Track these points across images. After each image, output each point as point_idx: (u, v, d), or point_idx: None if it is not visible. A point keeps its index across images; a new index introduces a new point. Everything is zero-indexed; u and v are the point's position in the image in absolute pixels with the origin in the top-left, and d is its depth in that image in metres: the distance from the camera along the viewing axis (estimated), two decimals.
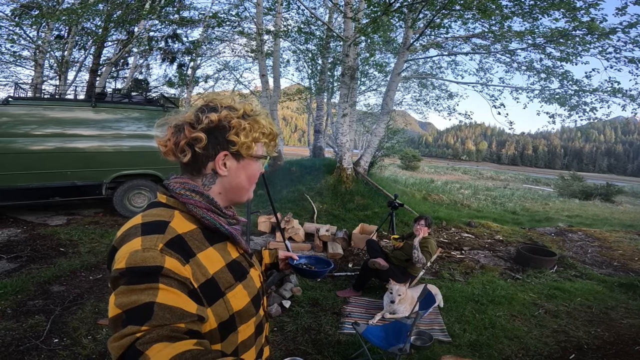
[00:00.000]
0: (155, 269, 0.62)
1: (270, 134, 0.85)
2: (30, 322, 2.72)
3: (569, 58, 6.92)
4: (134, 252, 0.63)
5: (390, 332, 2.31)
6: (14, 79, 11.11)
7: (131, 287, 0.60)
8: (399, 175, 19.06)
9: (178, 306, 0.60)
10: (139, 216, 0.74)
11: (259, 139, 0.82)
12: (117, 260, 0.64)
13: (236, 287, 0.76)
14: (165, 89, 12.43)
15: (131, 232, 0.69)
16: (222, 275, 0.74)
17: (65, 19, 8.13)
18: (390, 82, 7.73)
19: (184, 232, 0.72)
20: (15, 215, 5.68)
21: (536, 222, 8.55)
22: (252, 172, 0.84)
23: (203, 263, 0.71)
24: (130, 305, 0.58)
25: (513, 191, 19.50)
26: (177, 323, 0.58)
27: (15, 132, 5.02)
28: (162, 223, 0.71)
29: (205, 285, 0.69)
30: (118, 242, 0.69)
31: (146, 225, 0.70)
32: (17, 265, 3.83)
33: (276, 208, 6.52)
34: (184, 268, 0.66)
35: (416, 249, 3.49)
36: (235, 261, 0.81)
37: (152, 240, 0.66)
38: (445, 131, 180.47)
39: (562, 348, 2.84)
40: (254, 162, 0.84)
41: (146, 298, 0.58)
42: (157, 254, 0.64)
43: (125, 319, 0.57)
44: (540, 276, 4.44)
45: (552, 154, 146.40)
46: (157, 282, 0.61)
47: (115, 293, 0.60)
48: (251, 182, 0.86)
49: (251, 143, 0.81)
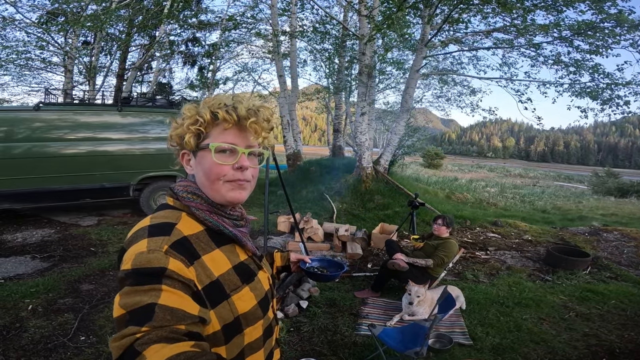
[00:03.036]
0: (159, 270, 0.63)
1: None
2: (59, 320, 2.84)
3: (598, 51, 6.60)
4: (139, 253, 0.65)
5: (407, 335, 2.26)
6: (46, 84, 11.72)
7: (135, 287, 0.61)
8: (421, 174, 18.70)
9: (179, 308, 0.60)
10: (148, 218, 0.75)
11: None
12: (124, 261, 0.65)
13: (242, 290, 0.76)
14: (188, 92, 12.79)
15: (139, 234, 0.70)
16: (227, 277, 0.74)
17: (90, 25, 8.49)
18: (409, 79, 7.59)
19: (190, 234, 0.73)
20: (49, 217, 5.99)
21: (568, 221, 8.14)
22: (205, 165, 0.76)
23: (208, 265, 0.71)
24: (134, 306, 0.59)
25: (543, 189, 18.70)
26: (177, 324, 0.58)
27: (48, 136, 5.28)
28: (169, 225, 0.72)
29: (209, 287, 0.69)
30: (127, 244, 0.70)
31: (153, 227, 0.71)
32: (49, 265, 4.03)
33: (295, 208, 6.56)
34: (188, 270, 0.66)
35: (414, 263, 3.43)
36: (242, 263, 0.81)
37: (158, 242, 0.67)
38: (469, 128, 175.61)
39: (593, 352, 2.69)
40: (207, 154, 0.76)
41: (148, 299, 0.59)
42: (161, 255, 0.64)
43: (128, 319, 0.58)
44: (571, 278, 4.22)
45: (585, 150, 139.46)
46: (160, 284, 0.61)
47: (120, 293, 0.61)
48: (210, 178, 0.77)
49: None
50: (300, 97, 12.87)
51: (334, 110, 12.62)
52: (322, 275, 1.19)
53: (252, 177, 0.80)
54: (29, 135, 5.16)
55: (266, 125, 0.79)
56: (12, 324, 2.72)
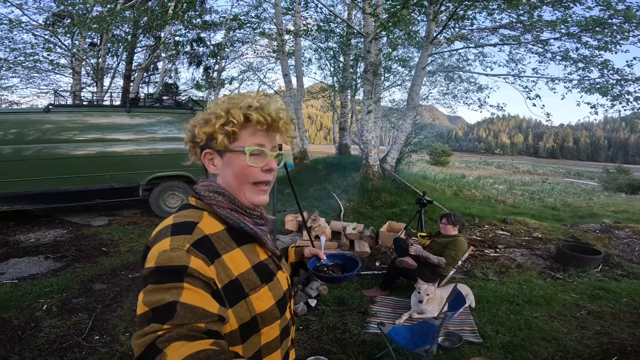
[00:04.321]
0: (180, 268, 0.64)
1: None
2: (73, 320, 2.89)
3: (607, 47, 6.53)
4: (162, 251, 0.66)
5: (416, 333, 2.25)
6: (55, 86, 11.85)
7: (158, 285, 0.62)
8: (428, 171, 18.59)
9: (200, 306, 0.61)
10: (171, 217, 0.77)
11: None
12: (148, 260, 0.67)
13: (261, 289, 0.77)
14: (194, 92, 12.87)
15: (162, 233, 0.72)
16: (247, 276, 0.75)
17: (96, 27, 8.56)
18: (415, 76, 7.55)
19: (211, 233, 0.74)
20: (61, 217, 6.09)
21: (579, 218, 8.03)
22: (236, 167, 0.78)
23: (228, 264, 0.73)
24: (156, 303, 0.60)
25: (553, 186, 18.49)
26: (197, 323, 0.59)
27: (58, 138, 5.36)
28: (191, 224, 0.73)
29: (228, 286, 0.71)
30: (151, 242, 0.72)
31: (176, 226, 0.73)
32: (62, 265, 4.10)
33: (303, 206, 6.57)
34: (208, 268, 0.67)
35: (428, 257, 3.39)
36: (262, 263, 0.81)
37: (180, 240, 0.68)
38: (476, 125, 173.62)
39: (604, 350, 2.66)
40: (237, 156, 0.78)
41: (170, 297, 0.60)
42: (183, 253, 0.66)
43: (151, 317, 0.59)
44: (583, 276, 4.17)
45: (595, 146, 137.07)
46: (182, 282, 0.63)
47: (143, 291, 0.63)
48: (239, 180, 0.79)
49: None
50: (306, 96, 12.87)
51: (340, 108, 12.61)
52: (330, 277, 1.09)
53: (273, 178, 0.83)
54: (40, 137, 5.25)
55: (290, 128, 0.83)
56: (27, 324, 2.77)
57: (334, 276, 1.10)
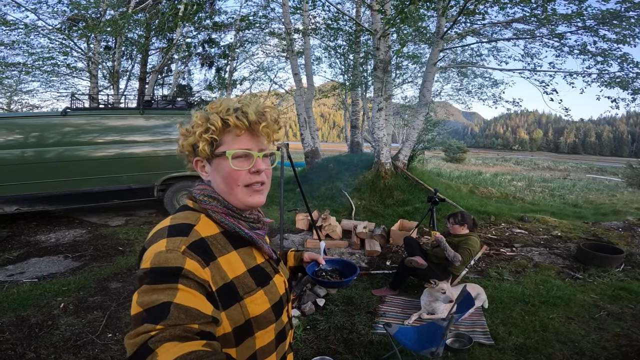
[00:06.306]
0: (176, 269, 0.64)
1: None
2: (88, 318, 2.97)
3: (626, 40, 6.28)
4: (158, 252, 0.67)
5: (423, 334, 2.21)
6: (73, 90, 12.19)
7: (153, 286, 0.62)
8: (443, 168, 18.30)
9: (194, 307, 0.62)
10: (168, 219, 0.77)
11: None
12: (144, 260, 0.68)
13: (256, 293, 0.77)
14: (207, 93, 13.04)
15: (159, 234, 0.72)
16: (242, 280, 0.75)
17: (110, 30, 8.74)
18: (426, 73, 7.41)
19: (208, 235, 0.74)
20: (81, 217, 6.29)
21: (601, 215, 7.74)
22: (223, 172, 0.78)
23: (223, 267, 0.73)
24: (150, 304, 0.60)
25: (574, 182, 17.87)
26: (191, 324, 0.60)
27: (77, 140, 5.53)
28: (187, 226, 0.74)
29: (222, 289, 0.71)
30: (147, 243, 0.72)
31: (172, 227, 0.73)
32: (80, 264, 4.22)
33: (314, 205, 6.57)
34: (203, 270, 0.68)
35: (445, 248, 3.31)
36: (258, 267, 0.81)
37: (176, 242, 0.69)
38: (493, 120, 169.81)
39: (623, 353, 2.56)
40: (222, 161, 0.78)
41: (164, 298, 0.61)
42: (178, 255, 0.66)
43: (144, 317, 0.59)
44: (604, 275, 4.03)
45: (618, 141, 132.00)
46: (176, 283, 0.63)
47: (138, 291, 0.63)
48: (229, 184, 0.78)
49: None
50: (317, 94, 12.84)
51: (351, 106, 12.53)
52: (328, 282, 1.11)
53: (267, 178, 0.82)
54: (59, 140, 5.42)
55: (276, 127, 0.81)
56: (44, 322, 2.86)
57: (331, 281, 1.12)
